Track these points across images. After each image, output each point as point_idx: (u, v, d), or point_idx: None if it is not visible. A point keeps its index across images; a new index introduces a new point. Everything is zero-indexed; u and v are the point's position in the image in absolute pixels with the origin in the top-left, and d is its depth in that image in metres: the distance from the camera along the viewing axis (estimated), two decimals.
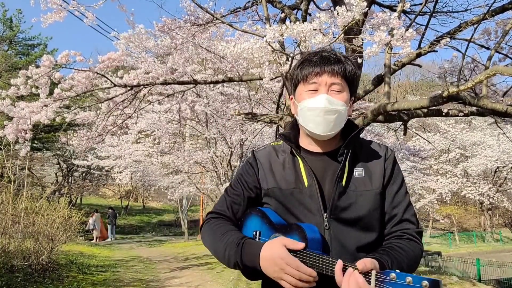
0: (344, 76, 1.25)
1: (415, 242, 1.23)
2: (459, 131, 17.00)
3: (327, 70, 1.24)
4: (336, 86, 1.24)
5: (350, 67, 1.27)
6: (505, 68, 3.65)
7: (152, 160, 12.00)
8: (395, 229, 1.26)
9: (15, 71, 16.28)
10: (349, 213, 1.22)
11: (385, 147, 1.35)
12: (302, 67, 1.29)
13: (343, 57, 1.29)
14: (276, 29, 3.22)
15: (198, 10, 5.32)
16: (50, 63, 4.70)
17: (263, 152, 1.39)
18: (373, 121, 5.06)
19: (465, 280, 9.48)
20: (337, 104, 1.23)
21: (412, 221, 1.27)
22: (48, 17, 4.56)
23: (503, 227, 26.09)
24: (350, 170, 1.27)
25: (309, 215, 1.24)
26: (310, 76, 1.25)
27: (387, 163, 1.30)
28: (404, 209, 1.27)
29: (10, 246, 6.71)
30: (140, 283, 7.69)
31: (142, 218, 29.28)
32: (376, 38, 3.10)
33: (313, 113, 1.23)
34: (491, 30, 5.55)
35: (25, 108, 5.09)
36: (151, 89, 5.83)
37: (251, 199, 1.35)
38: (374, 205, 1.25)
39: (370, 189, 1.25)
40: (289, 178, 1.29)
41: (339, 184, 1.24)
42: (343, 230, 1.22)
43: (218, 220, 1.33)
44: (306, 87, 1.27)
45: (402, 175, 1.33)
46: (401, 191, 1.29)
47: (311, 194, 1.24)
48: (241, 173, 1.40)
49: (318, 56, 1.27)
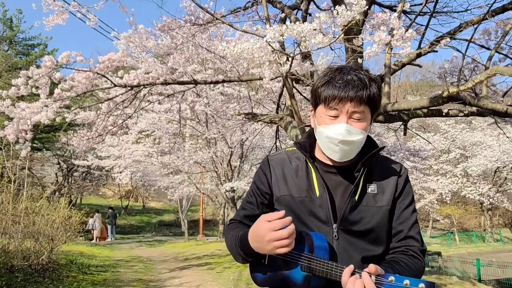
0: (367, 102, 1.21)
1: (418, 259, 1.25)
2: (459, 131, 17.01)
3: (351, 97, 1.19)
4: (358, 115, 1.21)
5: (375, 91, 1.22)
6: (505, 68, 3.65)
7: (152, 160, 12.00)
8: (400, 244, 1.29)
9: (15, 71, 16.28)
10: (358, 226, 1.26)
11: (400, 165, 1.36)
12: (325, 88, 1.23)
13: (368, 79, 1.23)
14: (276, 29, 3.22)
15: (198, 10, 5.31)
16: (51, 64, 4.71)
17: (277, 158, 1.40)
18: (373, 121, 5.06)
19: (465, 280, 9.48)
20: (356, 133, 1.21)
21: (416, 238, 1.29)
22: (51, 20, 4.57)
23: (503, 227, 26.09)
24: (364, 186, 1.29)
25: (318, 224, 1.27)
26: (332, 102, 1.21)
27: (399, 181, 1.32)
28: (410, 226, 1.30)
29: (10, 246, 6.71)
30: (140, 283, 7.69)
31: (142, 218, 29.29)
32: (376, 38, 3.10)
33: (331, 141, 1.22)
34: (491, 30, 5.55)
35: (25, 108, 5.10)
36: (151, 89, 5.84)
37: (266, 205, 1.40)
38: (383, 220, 1.28)
39: (381, 206, 1.28)
40: (301, 186, 1.31)
41: (352, 198, 1.26)
42: (351, 241, 1.25)
43: (234, 225, 1.42)
44: (327, 111, 1.23)
45: (412, 194, 1.35)
46: (409, 209, 1.31)
47: (321, 204, 1.27)
48: (255, 180, 1.44)
49: (342, 80, 1.21)
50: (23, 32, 20.08)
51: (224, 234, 1.43)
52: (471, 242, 23.67)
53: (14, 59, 18.80)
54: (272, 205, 1.38)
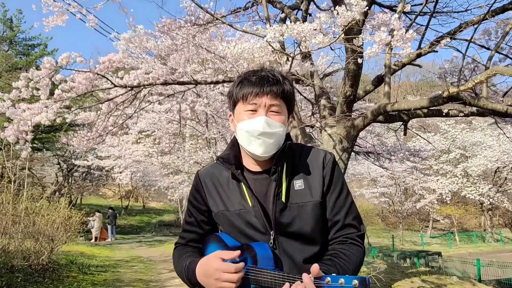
0: (282, 97, 1.26)
1: (357, 246, 1.27)
2: (459, 131, 17.02)
3: (266, 91, 1.24)
4: (275, 108, 1.25)
5: (288, 87, 1.28)
6: (505, 68, 3.65)
7: (152, 160, 12.00)
8: (338, 234, 1.29)
9: (15, 71, 16.29)
10: (293, 227, 1.25)
11: (324, 153, 1.34)
12: (242, 86, 1.28)
13: (281, 77, 1.29)
14: (277, 29, 3.22)
15: (198, 11, 5.32)
16: (51, 65, 4.71)
17: (208, 173, 1.39)
18: (373, 121, 5.06)
19: (465, 280, 9.48)
20: (275, 126, 1.24)
21: (353, 225, 1.29)
22: (51, 21, 4.56)
23: (503, 227, 26.09)
24: (290, 183, 1.28)
25: (258, 235, 1.26)
26: (249, 96, 1.25)
27: (325, 171, 1.30)
28: (345, 214, 1.29)
29: (11, 246, 6.72)
30: (140, 283, 7.69)
31: (142, 218, 29.28)
32: (376, 39, 3.10)
33: (252, 134, 1.23)
34: (491, 31, 5.55)
35: (26, 109, 5.09)
36: (151, 89, 5.83)
37: (206, 222, 1.40)
38: (316, 215, 1.27)
39: (310, 200, 1.26)
40: (234, 199, 1.31)
41: (278, 201, 1.25)
42: (289, 244, 1.25)
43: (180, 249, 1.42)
44: (245, 107, 1.26)
45: (342, 179, 1.34)
46: (341, 197, 1.30)
47: (255, 214, 1.26)
48: (190, 200, 1.43)
49: (257, 76, 1.27)
50: (23, 32, 20.11)
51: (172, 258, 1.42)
52: (471, 242, 23.67)
53: (14, 59, 18.82)
54: (213, 222, 1.38)
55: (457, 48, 5.28)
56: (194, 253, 1.38)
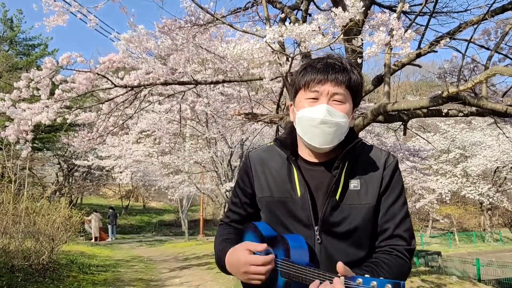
0: (348, 85, 1.17)
1: (403, 260, 1.16)
2: (458, 131, 17.03)
3: (331, 78, 1.15)
4: (339, 96, 1.16)
5: (356, 77, 1.19)
6: (505, 68, 3.67)
7: (153, 160, 12.01)
8: (384, 243, 1.20)
9: (16, 71, 16.30)
10: (340, 227, 1.18)
11: (386, 154, 1.25)
12: (305, 73, 1.20)
13: (349, 65, 1.20)
14: (276, 30, 3.23)
15: (198, 11, 5.33)
16: (52, 65, 4.72)
17: (258, 156, 1.33)
18: (373, 121, 5.07)
19: (465, 280, 9.49)
20: (338, 115, 1.15)
21: (404, 237, 1.19)
22: (51, 21, 4.57)
23: (503, 227, 26.10)
24: (346, 182, 1.20)
25: (299, 227, 1.21)
26: (312, 84, 1.17)
27: (385, 173, 1.21)
28: (396, 224, 1.19)
29: (11, 246, 6.73)
30: (141, 283, 7.71)
31: (143, 218, 29.29)
32: (375, 39, 3.11)
33: (311, 123, 1.15)
34: (491, 31, 5.56)
35: (26, 109, 5.11)
36: (151, 89, 5.85)
37: (250, 205, 1.37)
38: (367, 219, 1.19)
39: (365, 203, 1.18)
40: (282, 185, 1.25)
41: (332, 198, 1.18)
42: (333, 244, 1.19)
43: (222, 229, 1.41)
44: (306, 95, 1.18)
45: (401, 186, 1.24)
46: (396, 204, 1.21)
47: (303, 205, 1.20)
48: (238, 181, 1.39)
49: (322, 63, 1.19)
50: (23, 33, 20.14)
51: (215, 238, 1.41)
52: (471, 242, 23.68)
53: (15, 59, 18.83)
54: (256, 205, 1.34)
55: (457, 48, 5.30)
56: (231, 236, 1.34)
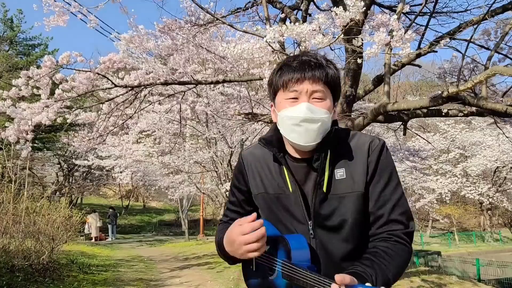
0: (326, 81, 1.16)
1: (403, 244, 1.13)
2: (458, 131, 17.01)
3: (308, 76, 1.14)
4: (318, 94, 1.15)
5: (333, 71, 1.17)
6: (504, 68, 3.67)
7: (153, 160, 12.02)
8: (381, 230, 1.16)
9: (16, 71, 16.29)
10: (332, 220, 1.17)
11: (371, 138, 1.21)
12: (281, 72, 1.19)
13: (325, 60, 1.19)
14: (276, 30, 3.24)
15: (198, 11, 5.34)
16: (51, 64, 4.72)
17: (250, 154, 1.33)
18: (373, 121, 5.08)
19: (465, 279, 9.50)
20: (319, 112, 1.14)
21: (400, 220, 1.15)
22: (51, 21, 4.57)
23: (503, 227, 26.11)
24: (332, 173, 1.18)
25: (295, 223, 1.20)
26: (290, 83, 1.16)
27: (370, 158, 1.17)
28: (391, 208, 1.15)
29: (11, 246, 6.73)
30: (141, 283, 7.71)
31: (143, 218, 29.30)
32: (376, 39, 3.12)
33: (294, 122, 1.14)
34: (491, 31, 5.56)
35: (26, 109, 5.11)
36: (151, 89, 5.85)
37: (247, 202, 1.36)
38: (357, 208, 1.16)
39: (352, 191, 1.16)
40: (275, 182, 1.25)
41: (319, 190, 1.17)
42: (328, 237, 1.17)
43: (220, 227, 1.40)
44: (286, 95, 1.17)
45: (391, 168, 1.19)
46: (387, 188, 1.17)
47: (295, 200, 1.20)
48: (233, 180, 1.40)
49: (298, 61, 1.17)
50: (23, 32, 20.13)
51: (215, 236, 1.40)
52: (471, 241, 23.70)
53: (15, 59, 18.84)
54: (254, 203, 1.34)
55: (457, 48, 5.30)
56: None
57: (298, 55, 1.22)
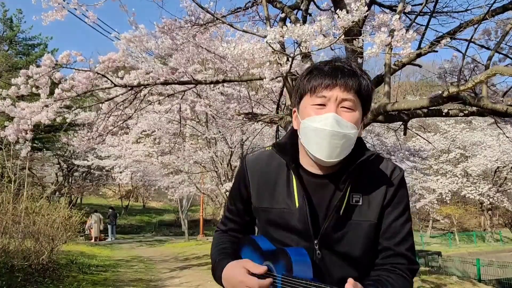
0: (358, 91, 1.08)
1: (405, 279, 1.09)
2: (459, 131, 17.01)
3: (340, 83, 1.06)
4: (348, 103, 1.07)
5: (366, 82, 1.11)
6: (505, 68, 3.66)
7: (153, 160, 12.01)
8: (386, 261, 1.13)
9: (15, 71, 16.27)
10: (341, 245, 1.12)
11: (392, 168, 1.15)
12: (311, 76, 1.11)
13: (359, 70, 1.12)
14: (277, 31, 3.22)
15: (198, 10, 5.32)
16: (50, 63, 4.71)
17: (255, 162, 1.24)
18: (373, 121, 5.07)
19: (465, 280, 9.49)
20: (346, 126, 1.05)
21: (406, 256, 1.12)
22: (49, 15, 4.55)
23: (503, 227, 26.12)
24: (348, 196, 1.12)
25: (297, 240, 1.14)
26: (319, 88, 1.07)
27: (389, 188, 1.13)
28: (399, 242, 1.12)
29: (11, 246, 6.72)
30: (141, 283, 7.70)
31: (143, 218, 29.29)
32: (377, 40, 3.10)
33: (318, 134, 1.05)
34: (491, 30, 5.55)
35: (25, 108, 5.10)
36: (151, 89, 5.84)
37: (247, 212, 1.30)
38: (368, 237, 1.12)
39: (365, 220, 1.11)
40: (280, 195, 1.16)
41: (335, 214, 1.10)
42: (332, 260, 1.13)
43: (218, 236, 1.35)
44: (312, 100, 1.08)
45: (406, 202, 1.15)
46: (399, 221, 1.13)
47: (300, 216, 1.12)
48: (233, 186, 1.32)
49: (330, 66, 1.10)
50: (23, 32, 20.08)
51: (211, 246, 1.34)
52: (471, 242, 23.70)
53: (14, 59, 18.82)
54: (252, 213, 1.27)
55: (457, 48, 5.28)
56: (227, 246, 1.28)
57: (331, 60, 1.14)
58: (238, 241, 1.31)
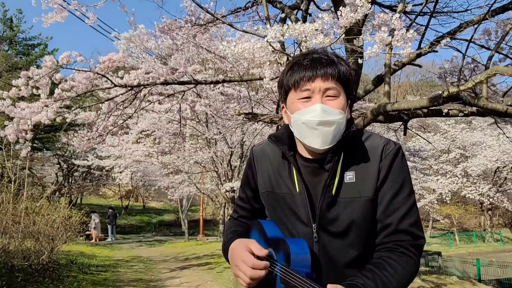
0: (338, 78, 1.12)
1: (409, 256, 1.07)
2: (459, 131, 17.01)
3: (320, 73, 1.11)
4: (331, 91, 1.11)
5: (345, 68, 1.14)
6: (505, 68, 3.65)
7: (152, 160, 12.01)
8: (388, 240, 1.11)
9: (15, 71, 16.28)
10: (337, 224, 1.13)
11: (385, 141, 1.16)
12: (292, 72, 1.15)
13: (336, 57, 1.16)
14: (277, 30, 3.22)
15: (198, 11, 5.32)
16: (52, 64, 4.71)
17: (261, 151, 1.31)
18: (373, 121, 5.06)
19: (465, 280, 9.49)
20: (334, 113, 1.10)
21: (409, 231, 1.10)
22: (49, 17, 4.55)
23: (503, 227, 26.11)
24: (342, 175, 1.14)
25: (299, 225, 1.17)
26: (301, 82, 1.12)
27: (383, 162, 1.13)
28: (400, 217, 1.10)
29: (11, 246, 6.72)
30: (141, 283, 7.70)
31: (142, 218, 29.29)
32: (377, 39, 3.10)
33: (309, 125, 1.10)
34: (491, 30, 5.54)
35: (25, 108, 5.10)
36: (151, 89, 5.84)
37: (256, 199, 1.36)
38: (365, 214, 1.12)
39: (361, 196, 1.12)
40: (283, 181, 1.22)
41: (327, 193, 1.13)
42: (331, 242, 1.14)
43: (230, 222, 1.42)
44: (298, 95, 1.13)
45: (404, 175, 1.14)
46: (399, 196, 1.12)
47: (301, 202, 1.16)
48: (243, 176, 1.39)
49: (308, 59, 1.14)
50: (23, 32, 20.09)
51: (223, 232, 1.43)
52: (471, 242, 23.69)
53: (15, 59, 18.82)
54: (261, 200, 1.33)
55: (457, 48, 5.28)
56: (239, 229, 1.34)
57: (308, 53, 1.18)
58: (247, 225, 1.37)
